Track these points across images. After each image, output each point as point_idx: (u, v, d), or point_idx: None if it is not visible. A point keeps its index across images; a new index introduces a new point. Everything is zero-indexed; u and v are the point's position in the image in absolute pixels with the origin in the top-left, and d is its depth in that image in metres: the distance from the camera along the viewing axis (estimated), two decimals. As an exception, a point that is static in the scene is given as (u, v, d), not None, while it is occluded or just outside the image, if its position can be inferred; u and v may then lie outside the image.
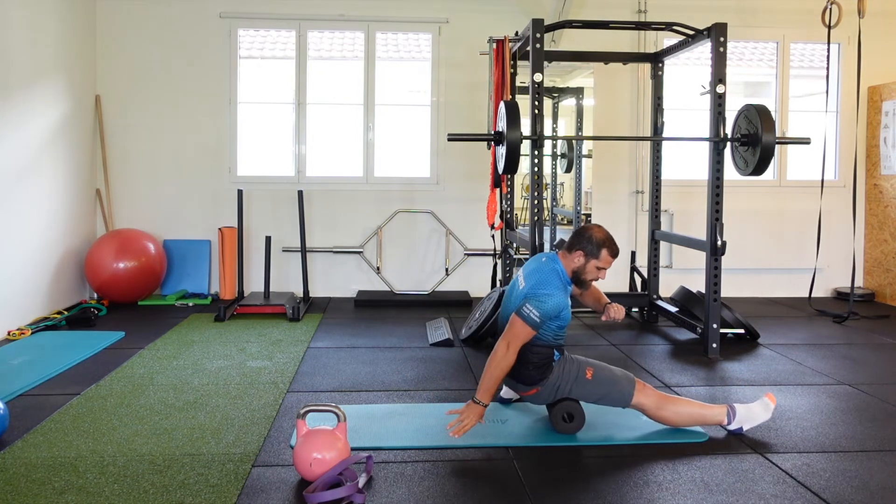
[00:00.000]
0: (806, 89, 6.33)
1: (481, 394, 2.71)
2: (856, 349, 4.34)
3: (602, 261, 2.83)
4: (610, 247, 2.84)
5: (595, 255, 2.82)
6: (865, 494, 2.38)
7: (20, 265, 4.63)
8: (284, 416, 3.07)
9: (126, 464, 2.55)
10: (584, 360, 2.93)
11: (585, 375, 2.84)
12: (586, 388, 2.85)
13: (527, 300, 2.74)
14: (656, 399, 2.85)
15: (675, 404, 2.87)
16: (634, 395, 2.83)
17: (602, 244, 2.82)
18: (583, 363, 2.89)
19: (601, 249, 2.82)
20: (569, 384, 2.85)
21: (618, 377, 2.87)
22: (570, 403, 2.87)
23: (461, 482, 2.46)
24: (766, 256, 5.99)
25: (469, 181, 5.89)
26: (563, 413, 2.87)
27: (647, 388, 2.87)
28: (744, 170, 4.21)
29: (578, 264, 2.84)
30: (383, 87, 5.97)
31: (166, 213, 5.81)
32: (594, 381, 2.85)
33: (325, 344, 4.35)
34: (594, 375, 2.85)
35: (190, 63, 5.78)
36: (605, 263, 2.84)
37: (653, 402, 2.84)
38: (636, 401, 2.83)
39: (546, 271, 2.83)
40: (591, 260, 2.83)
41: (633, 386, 2.85)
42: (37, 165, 4.83)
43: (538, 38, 4.00)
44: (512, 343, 2.73)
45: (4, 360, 3.85)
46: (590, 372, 2.85)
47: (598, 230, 2.85)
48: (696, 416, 2.87)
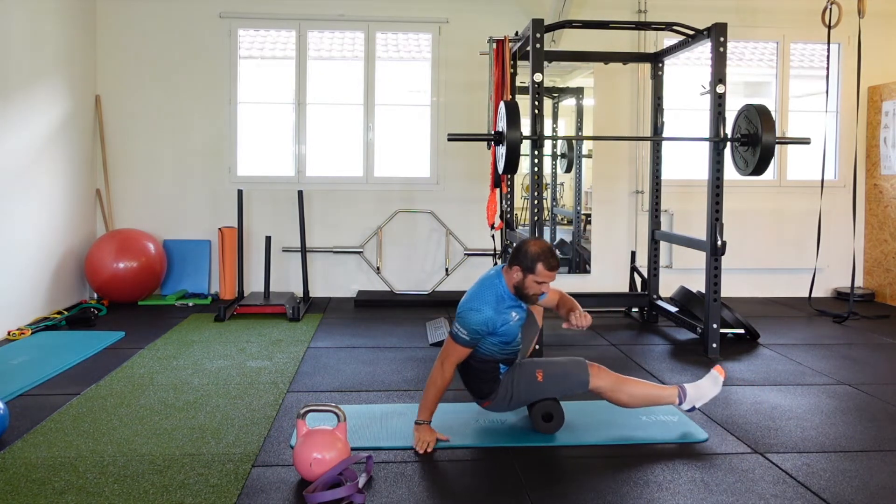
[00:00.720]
0: (806, 89, 6.33)
1: (421, 414, 2.75)
2: (856, 349, 4.34)
3: (539, 275, 2.73)
4: (546, 260, 2.72)
5: (531, 270, 2.73)
6: (865, 494, 2.38)
7: (20, 265, 4.63)
8: (284, 416, 3.07)
9: (126, 464, 2.55)
10: (534, 362, 2.91)
11: (536, 379, 2.84)
12: (540, 390, 2.85)
13: (457, 318, 2.76)
14: (612, 381, 2.85)
15: (629, 385, 2.87)
16: (590, 381, 2.82)
17: (537, 258, 2.72)
18: (532, 367, 2.88)
19: (536, 264, 2.72)
20: (522, 391, 2.85)
21: (569, 370, 2.86)
22: (548, 403, 2.87)
23: (461, 482, 2.46)
24: (766, 256, 5.99)
25: (469, 181, 5.89)
26: (542, 413, 2.86)
27: (602, 370, 2.86)
28: (744, 170, 4.21)
29: (517, 279, 2.76)
30: (383, 87, 5.97)
31: (166, 213, 5.81)
32: (546, 382, 2.84)
33: (325, 344, 4.35)
34: (545, 377, 2.85)
35: (190, 63, 5.78)
36: (544, 277, 2.74)
37: (608, 385, 2.84)
38: (593, 385, 2.83)
39: (484, 286, 2.81)
40: (528, 275, 2.74)
41: (587, 373, 2.83)
42: (37, 165, 4.83)
43: (538, 38, 3.99)
44: (445, 362, 2.75)
45: (4, 360, 3.85)
46: (540, 374, 2.85)
47: (535, 244, 2.77)
48: (651, 396, 2.89)
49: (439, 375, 2.75)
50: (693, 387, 2.92)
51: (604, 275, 5.93)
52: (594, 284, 5.92)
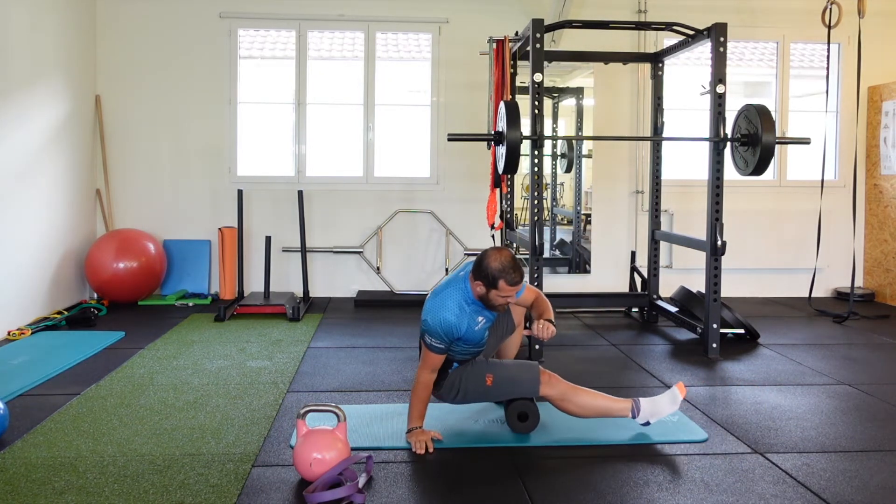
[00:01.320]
0: (806, 89, 6.32)
1: (411, 422, 2.75)
2: (856, 349, 4.34)
3: (502, 291, 2.65)
4: (506, 276, 2.62)
5: (494, 286, 2.65)
6: (865, 494, 2.38)
7: (20, 265, 4.63)
8: (284, 416, 3.07)
9: (126, 464, 2.55)
10: (487, 364, 2.88)
11: (485, 383, 2.83)
12: (489, 394, 2.85)
13: (423, 327, 2.72)
14: (562, 390, 2.81)
15: (579, 396, 2.83)
16: (541, 389, 2.80)
17: (499, 276, 2.62)
18: (483, 369, 2.85)
19: (498, 281, 2.63)
20: (470, 390, 2.85)
21: (519, 376, 2.82)
22: (523, 402, 2.85)
23: (461, 482, 2.46)
24: (766, 256, 5.99)
25: (469, 181, 5.89)
26: (517, 412, 2.86)
27: (552, 378, 2.82)
28: (744, 170, 4.21)
29: (481, 293, 2.70)
30: (383, 87, 5.97)
31: (166, 213, 5.81)
32: (494, 387, 2.84)
33: (325, 344, 4.35)
34: (494, 381, 2.83)
35: (190, 63, 5.78)
36: (506, 293, 2.66)
37: (558, 393, 2.80)
38: (543, 392, 2.80)
39: (450, 291, 2.75)
40: (490, 290, 2.67)
41: (538, 380, 2.80)
42: (37, 165, 4.83)
43: (538, 38, 3.99)
44: (422, 369, 2.75)
45: (4, 360, 3.85)
46: (489, 379, 2.83)
47: (495, 259, 2.64)
48: (601, 408, 2.85)
49: (419, 382, 2.75)
50: (649, 401, 2.86)
51: (604, 275, 5.93)
52: (594, 284, 5.91)
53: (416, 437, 2.71)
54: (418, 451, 2.66)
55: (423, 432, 2.73)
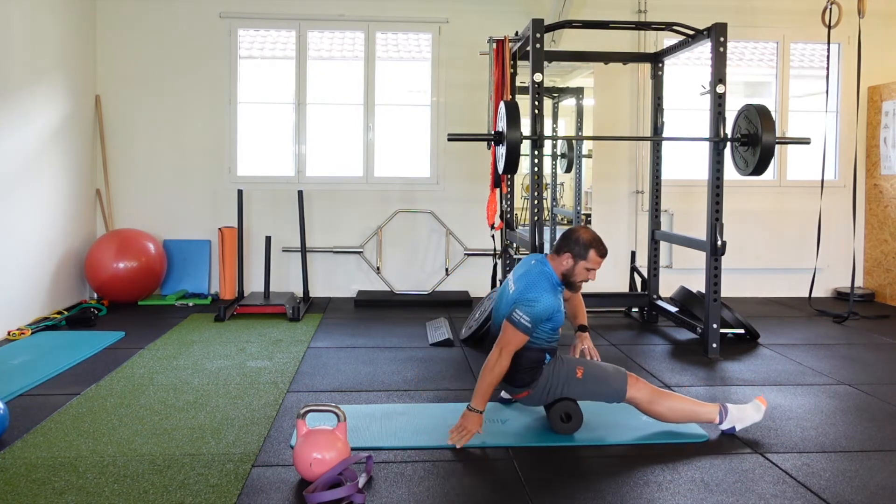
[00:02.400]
0: (806, 89, 6.32)
1: (476, 401, 2.73)
2: (856, 349, 4.34)
3: (590, 262, 2.82)
4: (598, 247, 2.83)
5: (583, 257, 2.81)
6: (865, 494, 2.38)
7: (20, 265, 4.63)
8: (284, 416, 3.07)
9: (126, 464, 2.55)
10: (576, 359, 2.94)
11: (576, 375, 2.85)
12: (578, 388, 2.86)
13: (516, 305, 2.74)
14: (649, 393, 2.84)
15: (668, 399, 2.87)
16: (627, 391, 2.83)
17: (589, 245, 2.81)
18: (574, 363, 2.90)
19: (589, 250, 2.81)
20: (560, 385, 2.85)
21: (609, 374, 2.87)
22: (567, 403, 2.87)
23: (461, 482, 2.46)
24: (766, 256, 5.99)
25: (469, 181, 5.89)
26: (561, 413, 2.87)
27: (639, 381, 2.87)
28: (744, 170, 4.21)
29: (567, 266, 2.84)
30: (383, 87, 5.97)
31: (166, 213, 5.81)
32: (585, 380, 2.85)
33: (325, 344, 4.35)
34: (585, 374, 2.86)
35: (190, 63, 5.78)
36: (594, 264, 2.84)
37: (645, 397, 2.83)
38: (629, 395, 2.83)
39: (535, 274, 2.84)
40: (579, 261, 2.82)
41: (626, 381, 2.84)
42: (37, 165, 4.83)
43: (538, 38, 3.99)
44: (505, 349, 2.73)
45: (4, 360, 3.85)
46: (580, 371, 2.86)
47: (585, 231, 2.86)
48: (689, 412, 2.86)
49: (497, 363, 2.73)
50: (737, 408, 2.88)
51: (604, 275, 5.89)
52: (594, 284, 5.82)
53: (471, 424, 2.71)
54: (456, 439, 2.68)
55: (480, 422, 2.73)
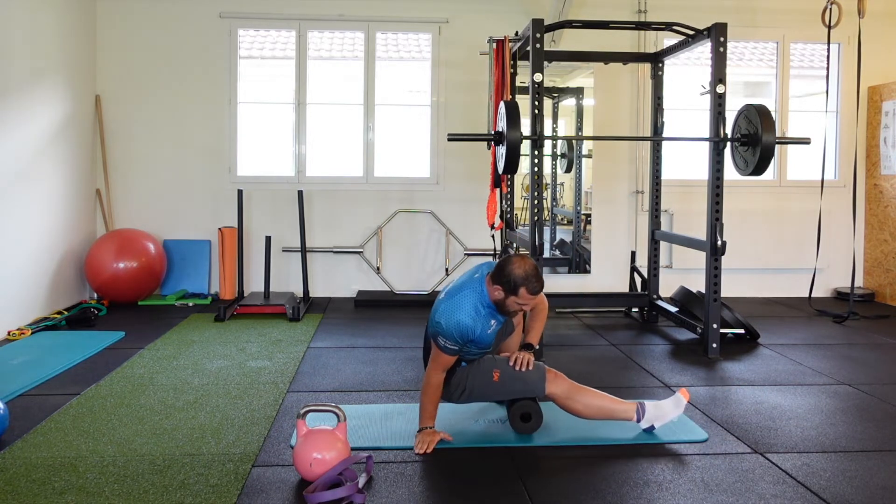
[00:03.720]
0: (806, 89, 6.32)
1: (423, 421, 2.74)
2: (856, 349, 4.34)
3: (521, 298, 2.68)
4: (528, 284, 2.65)
5: (514, 293, 2.67)
6: (865, 494, 2.38)
7: (20, 265, 4.63)
8: (284, 416, 3.07)
9: (126, 464, 2.55)
10: (493, 360, 2.88)
11: (492, 378, 2.83)
12: (495, 389, 2.84)
13: (437, 329, 2.69)
14: (567, 389, 2.82)
15: (585, 396, 2.83)
16: (546, 387, 2.80)
17: (520, 283, 2.65)
18: (490, 365, 2.86)
19: (519, 288, 2.66)
20: (476, 387, 2.84)
21: (526, 375, 2.82)
22: (526, 403, 2.85)
23: (461, 482, 2.46)
24: (766, 256, 5.99)
25: (469, 181, 5.89)
26: (520, 413, 2.85)
27: (558, 377, 2.83)
28: (744, 170, 4.21)
29: (498, 298, 2.71)
30: (383, 87, 5.97)
31: (166, 213, 5.81)
32: (501, 383, 2.83)
33: (325, 344, 4.35)
34: (501, 377, 2.83)
35: (190, 63, 5.78)
36: (525, 300, 2.69)
37: (563, 392, 2.81)
38: (549, 391, 2.81)
39: (465, 293, 2.74)
40: (510, 296, 2.69)
41: (543, 379, 2.81)
42: (37, 165, 4.83)
43: (538, 38, 4.00)
44: (434, 370, 2.73)
45: (4, 360, 3.85)
46: (496, 374, 2.83)
47: (520, 266, 2.67)
48: (605, 409, 2.84)
49: (430, 383, 2.73)
50: (653, 405, 2.87)
51: (604, 275, 5.93)
52: (594, 284, 5.92)
53: (425, 437, 2.70)
54: (418, 449, 2.66)
55: (434, 433, 2.72)
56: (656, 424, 2.85)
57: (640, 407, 2.86)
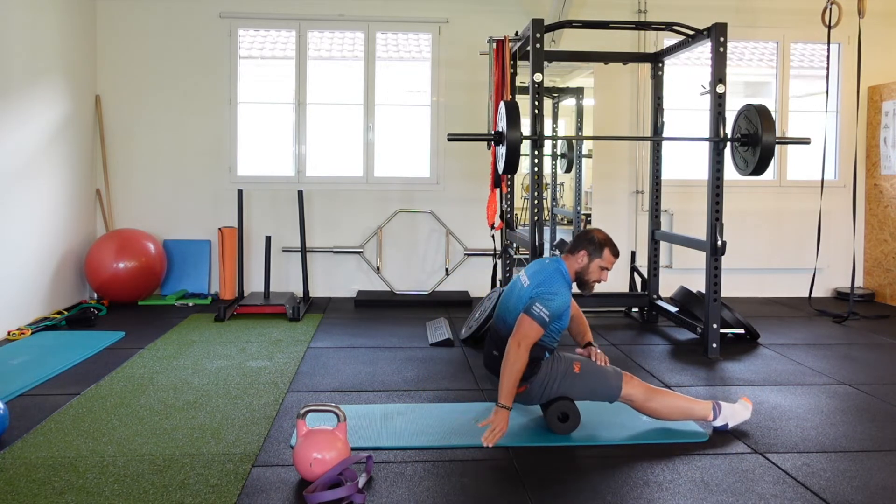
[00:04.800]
0: (806, 89, 6.32)
1: (504, 398, 2.73)
2: (856, 349, 4.34)
3: (605, 260, 2.93)
4: (612, 246, 2.95)
5: (598, 255, 2.92)
6: (865, 494, 2.38)
7: (20, 265, 4.63)
8: (284, 416, 3.07)
9: (126, 464, 2.55)
10: (572, 356, 2.96)
11: (573, 370, 2.88)
12: (575, 383, 2.87)
13: (534, 299, 2.78)
14: (644, 391, 2.88)
15: (663, 396, 2.91)
16: (623, 388, 2.86)
17: (604, 244, 2.93)
18: (572, 359, 2.92)
19: (603, 249, 2.92)
20: (557, 381, 2.86)
21: (606, 371, 2.91)
22: (564, 403, 2.87)
23: (461, 482, 2.46)
24: (766, 256, 5.99)
25: (469, 181, 5.89)
26: (559, 413, 2.86)
27: (634, 379, 2.90)
28: (744, 170, 4.21)
29: (582, 264, 2.93)
30: (383, 87, 5.97)
31: (166, 213, 5.81)
32: (582, 375, 2.88)
33: (325, 344, 4.35)
34: (582, 370, 2.89)
35: (190, 63, 5.78)
36: (608, 263, 2.94)
37: (641, 394, 2.87)
38: (625, 392, 2.86)
39: (550, 271, 2.90)
40: (594, 259, 2.92)
41: (621, 378, 2.88)
42: (37, 165, 4.83)
43: (538, 38, 4.00)
44: (523, 342, 2.74)
45: (4, 360, 3.85)
46: (577, 367, 2.89)
47: (599, 232, 2.97)
48: (684, 409, 2.90)
49: (518, 358, 2.73)
50: (729, 406, 2.93)
51: (604, 275, 5.92)
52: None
53: (501, 422, 2.69)
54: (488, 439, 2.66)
55: (507, 420, 2.71)
56: (730, 423, 2.91)
57: (716, 405, 2.92)
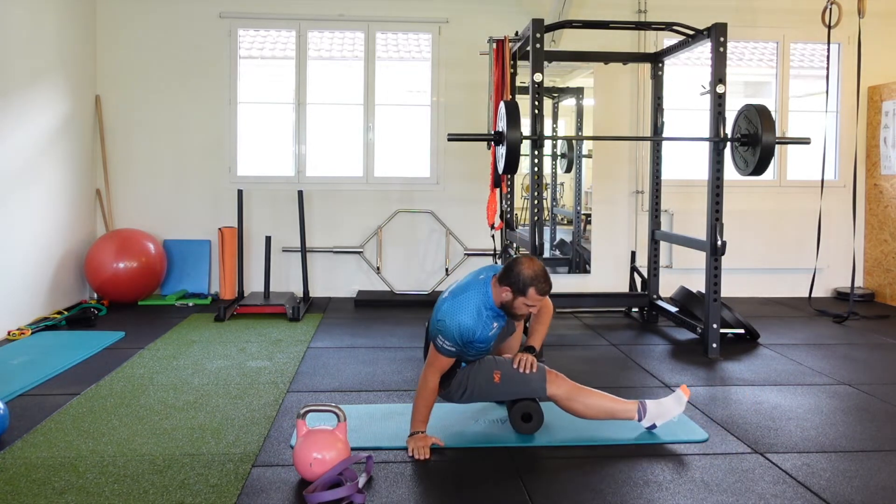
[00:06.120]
0: (806, 89, 6.33)
1: (415, 425, 2.71)
2: (856, 349, 4.34)
3: (530, 299, 2.67)
4: (538, 285, 2.65)
5: (523, 293, 2.66)
6: (865, 494, 2.38)
7: (20, 265, 4.63)
8: (284, 416, 3.07)
9: (126, 464, 2.55)
10: (494, 361, 2.87)
11: (493, 380, 2.82)
12: (496, 391, 2.84)
13: (437, 329, 2.70)
14: (568, 390, 2.81)
15: (586, 396, 2.83)
16: (547, 388, 2.80)
17: (529, 283, 2.64)
18: (491, 366, 2.85)
19: (528, 288, 2.65)
20: (476, 388, 2.84)
21: (527, 376, 2.81)
22: (527, 403, 2.85)
23: (461, 482, 2.46)
24: (766, 256, 5.99)
25: (469, 181, 5.89)
26: (521, 413, 2.85)
27: (559, 378, 2.83)
28: (744, 170, 4.21)
29: (506, 299, 2.70)
30: (383, 87, 5.97)
31: (166, 213, 5.81)
32: (502, 384, 2.82)
33: (325, 344, 4.35)
34: (502, 378, 2.82)
35: (190, 63, 5.78)
36: (533, 301, 2.68)
37: (564, 393, 2.81)
38: (550, 392, 2.80)
39: (469, 294, 2.73)
40: (518, 297, 2.67)
41: (544, 380, 2.81)
42: (37, 165, 4.83)
43: (538, 38, 3.99)
44: (430, 372, 2.71)
45: (4, 360, 3.85)
46: (497, 376, 2.82)
47: (528, 266, 2.66)
48: (606, 409, 2.84)
49: (426, 385, 2.71)
50: (655, 404, 2.87)
51: (604, 275, 5.92)
52: (594, 284, 5.91)
53: (417, 443, 2.68)
54: (417, 457, 2.64)
55: (425, 438, 2.70)
56: (658, 423, 2.85)
57: (641, 406, 2.85)
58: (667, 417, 2.85)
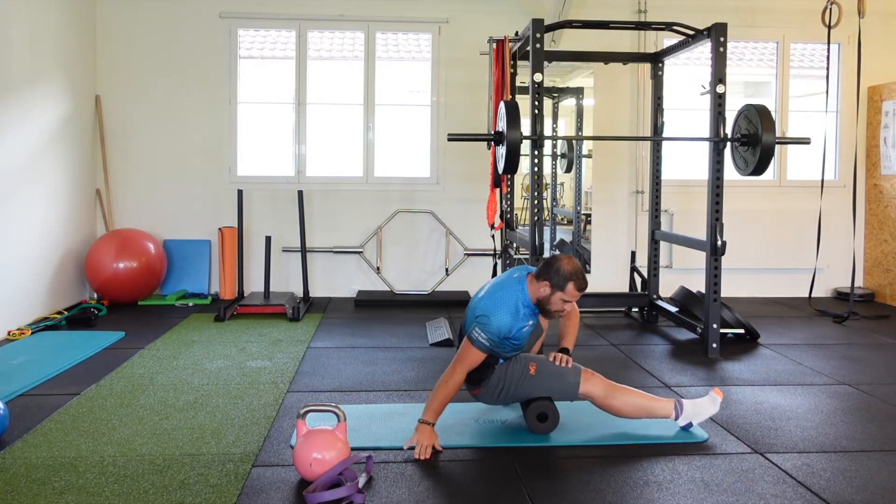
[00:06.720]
0: (806, 89, 6.33)
1: (427, 414, 2.72)
2: (856, 349, 4.34)
3: (568, 294, 2.76)
4: (577, 281, 2.75)
5: (561, 288, 2.75)
6: (865, 494, 2.38)
7: (20, 265, 4.63)
8: (284, 416, 3.07)
9: (126, 464, 2.55)
10: (529, 357, 2.92)
11: (528, 372, 2.85)
12: (531, 385, 2.85)
13: (476, 325, 2.74)
14: (604, 388, 2.83)
15: (623, 394, 2.85)
16: (581, 385, 2.82)
17: (569, 278, 2.74)
18: (526, 360, 2.88)
19: (567, 283, 2.74)
20: (513, 383, 2.85)
21: (562, 370, 2.86)
22: (543, 403, 2.86)
23: (461, 482, 2.46)
24: (766, 256, 5.99)
25: (469, 181, 5.89)
26: (537, 413, 2.86)
27: (594, 376, 2.85)
28: (744, 170, 4.21)
29: (543, 294, 2.78)
30: (383, 87, 5.97)
31: (166, 213, 5.81)
32: (538, 377, 2.85)
33: (325, 344, 4.35)
34: (537, 371, 2.85)
35: (190, 63, 5.78)
36: (571, 297, 2.77)
37: (600, 391, 2.83)
38: (583, 390, 2.82)
39: (505, 292, 2.81)
40: (556, 292, 2.76)
41: (580, 375, 2.84)
42: (37, 165, 4.83)
43: (538, 38, 3.99)
44: (459, 366, 2.73)
45: (4, 360, 3.85)
46: (533, 368, 2.85)
47: (568, 262, 2.78)
48: (644, 407, 2.86)
49: (451, 379, 2.72)
50: (691, 403, 2.90)
51: (604, 275, 5.92)
52: (594, 284, 5.84)
53: (422, 437, 2.67)
54: (419, 455, 2.63)
55: (431, 435, 2.69)
56: (694, 422, 2.88)
57: (678, 404, 2.88)
58: (702, 417, 2.88)
